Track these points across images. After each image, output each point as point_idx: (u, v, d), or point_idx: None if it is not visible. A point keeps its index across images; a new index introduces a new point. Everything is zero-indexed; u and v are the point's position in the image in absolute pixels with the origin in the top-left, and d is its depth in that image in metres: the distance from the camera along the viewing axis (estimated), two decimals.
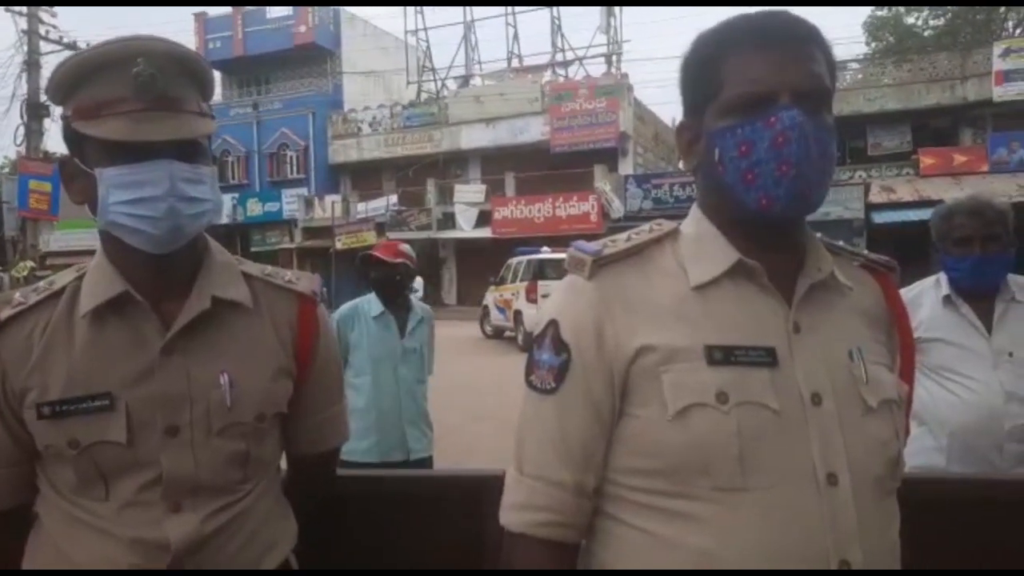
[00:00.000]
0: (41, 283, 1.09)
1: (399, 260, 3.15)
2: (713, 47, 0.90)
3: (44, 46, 16.89)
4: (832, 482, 0.83)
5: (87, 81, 1.00)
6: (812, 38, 0.89)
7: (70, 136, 1.04)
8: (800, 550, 0.81)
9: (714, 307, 0.88)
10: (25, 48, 16.44)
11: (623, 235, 0.96)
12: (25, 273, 15.72)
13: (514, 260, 16.01)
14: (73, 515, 1.03)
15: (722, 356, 0.85)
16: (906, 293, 2.05)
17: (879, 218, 18.92)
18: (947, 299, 2.01)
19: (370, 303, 3.14)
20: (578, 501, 0.90)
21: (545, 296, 13.62)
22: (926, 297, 2.06)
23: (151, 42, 1.01)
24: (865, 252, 1.03)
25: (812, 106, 0.86)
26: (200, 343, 1.06)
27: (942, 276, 2.06)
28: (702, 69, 0.91)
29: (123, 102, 0.98)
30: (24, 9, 16.54)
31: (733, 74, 0.87)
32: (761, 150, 0.85)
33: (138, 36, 1.02)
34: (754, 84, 0.86)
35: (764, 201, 0.86)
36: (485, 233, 23.70)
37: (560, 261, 14.32)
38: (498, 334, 16.09)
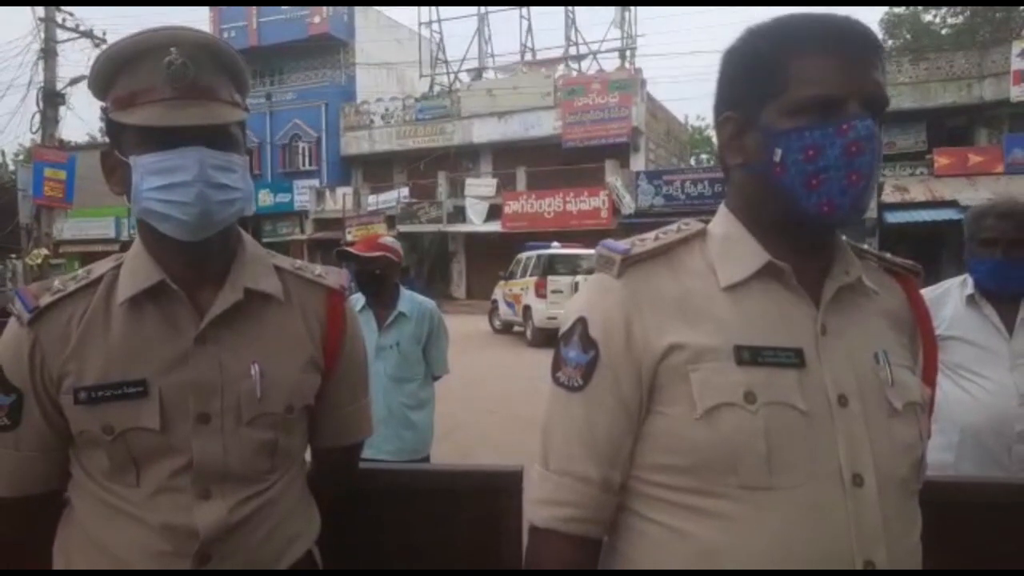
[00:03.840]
0: (80, 271, 1.11)
1: (377, 254, 3.03)
2: (778, 43, 0.88)
3: (60, 34, 16.99)
4: (858, 483, 0.83)
5: (123, 72, 1.02)
6: (878, 46, 0.88)
7: (109, 127, 1.06)
8: (825, 550, 0.82)
9: (743, 307, 0.89)
10: (42, 36, 16.53)
11: (651, 234, 0.97)
12: (39, 261, 15.84)
13: (524, 255, 16.00)
14: (104, 500, 1.05)
15: (750, 356, 0.85)
16: (932, 291, 2.06)
17: (892, 218, 18.79)
18: (971, 299, 2.01)
19: (358, 298, 3.06)
20: (604, 497, 0.90)
21: (555, 291, 13.62)
22: (951, 295, 2.07)
23: (184, 32, 1.03)
24: (889, 256, 1.03)
25: (874, 115, 0.86)
26: (233, 333, 1.08)
27: (969, 276, 2.06)
28: (762, 64, 0.88)
29: (156, 90, 1.00)
30: None
31: (802, 73, 0.85)
32: (831, 156, 0.84)
33: (171, 27, 1.04)
34: (826, 87, 0.84)
35: (826, 208, 0.86)
36: (495, 227, 23.69)
37: (570, 256, 14.47)
38: (507, 329, 16.10)
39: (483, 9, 28.10)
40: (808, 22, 0.88)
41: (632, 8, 26.08)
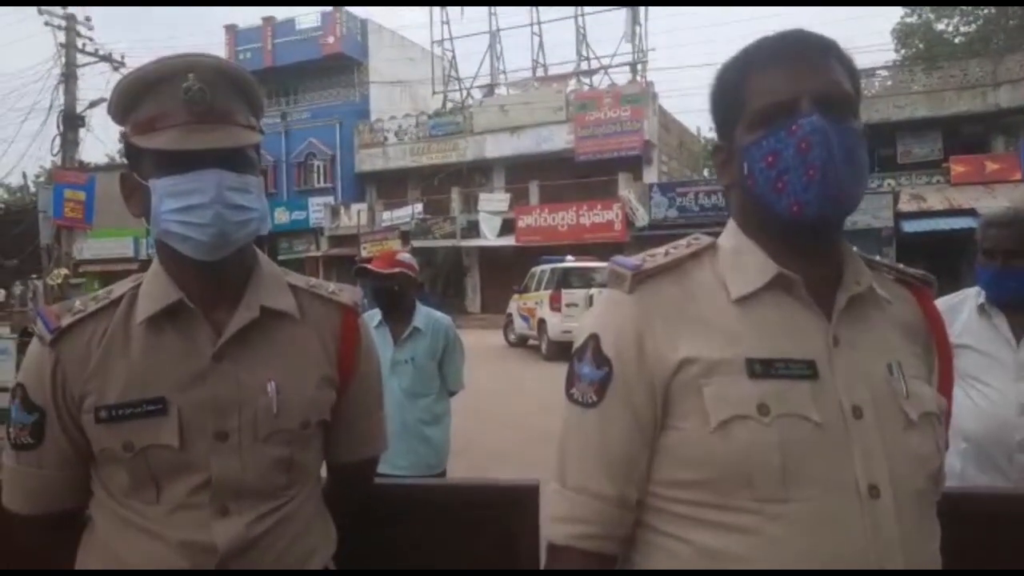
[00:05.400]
0: (100, 292, 1.14)
1: (396, 271, 3.06)
2: (735, 70, 0.95)
3: (81, 58, 17.33)
4: (874, 495, 0.83)
5: (142, 98, 1.05)
6: (828, 50, 0.92)
7: (129, 151, 1.08)
8: (842, 561, 0.82)
9: (754, 320, 0.89)
10: (63, 60, 16.86)
11: (661, 249, 0.98)
12: (59, 281, 16.03)
13: (538, 269, 16.01)
14: (125, 517, 1.06)
15: (763, 369, 0.86)
16: (949, 300, 2.10)
17: (909, 227, 18.63)
18: (982, 308, 2.04)
19: (374, 314, 3.09)
20: (620, 513, 0.91)
21: (570, 305, 13.60)
22: (966, 304, 2.10)
23: (201, 58, 1.06)
24: (902, 266, 1.03)
25: (835, 111, 0.88)
26: (249, 351, 1.09)
27: None
28: (727, 92, 0.95)
29: (174, 115, 1.02)
30: (63, 22, 16.98)
31: (754, 90, 0.91)
32: (787, 158, 0.87)
33: (189, 53, 1.07)
34: (774, 95, 0.89)
35: (795, 207, 0.88)
36: (509, 241, 23.74)
37: (584, 269, 14.48)
38: (522, 342, 16.09)
39: (495, 26, 28.34)
40: (761, 42, 0.94)
41: (643, 22, 26.22)
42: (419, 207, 26.02)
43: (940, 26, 28.67)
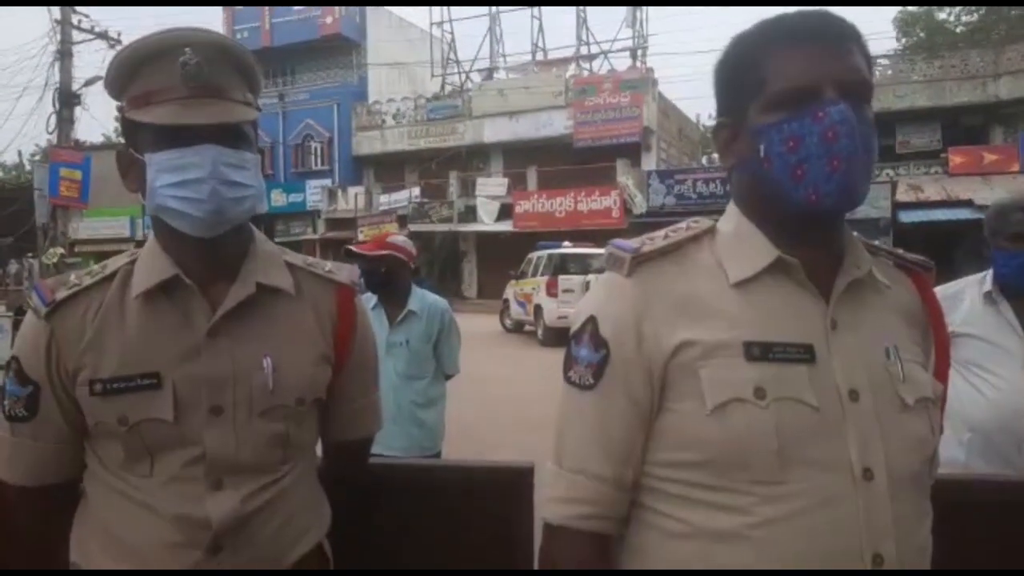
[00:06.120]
0: (95, 266, 1.14)
1: (384, 252, 3.08)
2: (753, 46, 0.91)
3: (76, 35, 17.16)
4: (868, 477, 0.84)
5: (139, 72, 1.04)
6: (850, 34, 0.90)
7: (125, 126, 1.08)
8: (835, 542, 0.82)
9: (753, 303, 0.89)
10: (58, 38, 16.70)
11: (660, 233, 0.98)
12: (55, 260, 15.99)
13: (535, 254, 16.01)
14: (119, 490, 1.07)
15: (760, 352, 0.86)
16: (949, 288, 2.06)
17: (906, 217, 18.63)
18: (988, 295, 2.00)
19: (370, 297, 3.10)
20: (618, 494, 0.91)
21: (566, 291, 13.61)
22: (968, 293, 2.06)
23: (197, 33, 1.05)
24: (901, 252, 1.03)
25: (855, 100, 0.86)
26: (245, 327, 1.09)
27: (989, 273, 2.04)
28: (742, 68, 0.92)
29: (171, 89, 1.02)
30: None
31: (776, 70, 0.88)
32: (811, 145, 0.85)
33: (185, 28, 1.06)
34: (798, 78, 0.86)
35: (814, 196, 0.86)
36: (506, 227, 23.70)
37: (581, 255, 14.47)
38: (518, 328, 16.11)
39: (495, 9, 28.14)
40: (781, 20, 0.91)
41: (644, 7, 26.03)
42: (416, 191, 25.93)
43: (941, 15, 28.54)
